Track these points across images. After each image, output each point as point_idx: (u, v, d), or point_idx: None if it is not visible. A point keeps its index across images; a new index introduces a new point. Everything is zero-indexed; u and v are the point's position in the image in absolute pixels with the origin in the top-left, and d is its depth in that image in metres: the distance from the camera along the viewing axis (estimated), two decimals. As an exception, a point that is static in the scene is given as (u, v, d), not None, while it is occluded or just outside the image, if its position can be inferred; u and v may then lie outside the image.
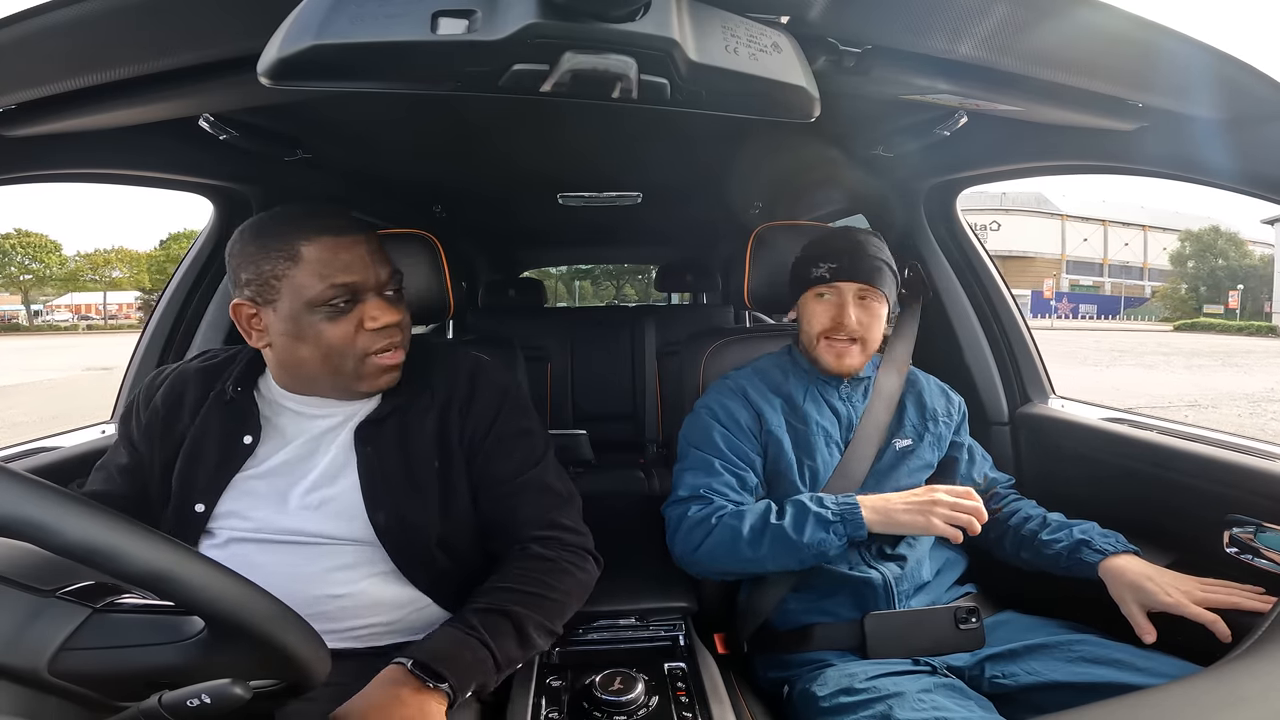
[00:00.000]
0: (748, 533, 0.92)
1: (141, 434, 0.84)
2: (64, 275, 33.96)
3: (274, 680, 0.52)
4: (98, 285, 35.60)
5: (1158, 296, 37.00)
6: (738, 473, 1.01)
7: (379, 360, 0.79)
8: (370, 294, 0.77)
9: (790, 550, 0.90)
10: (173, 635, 0.48)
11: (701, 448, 1.04)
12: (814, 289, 1.04)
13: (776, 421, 1.04)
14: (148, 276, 34.34)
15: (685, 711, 0.76)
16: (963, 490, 0.90)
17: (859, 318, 1.01)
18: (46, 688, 0.46)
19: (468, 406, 0.87)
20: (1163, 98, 0.70)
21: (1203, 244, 33.96)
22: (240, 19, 0.55)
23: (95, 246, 39.72)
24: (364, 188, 1.62)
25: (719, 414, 1.05)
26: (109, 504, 0.82)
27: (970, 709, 0.79)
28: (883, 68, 0.64)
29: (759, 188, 1.77)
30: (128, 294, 36.73)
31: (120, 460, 0.85)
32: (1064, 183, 48.62)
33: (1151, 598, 0.84)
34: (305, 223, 0.76)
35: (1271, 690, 0.51)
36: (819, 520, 0.90)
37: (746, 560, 0.93)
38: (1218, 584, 0.85)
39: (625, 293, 21.73)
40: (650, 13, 0.46)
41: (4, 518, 0.42)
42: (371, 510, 0.80)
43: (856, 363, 1.04)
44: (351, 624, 0.80)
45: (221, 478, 0.80)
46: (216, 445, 0.81)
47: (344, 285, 0.75)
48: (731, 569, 0.96)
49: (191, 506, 0.79)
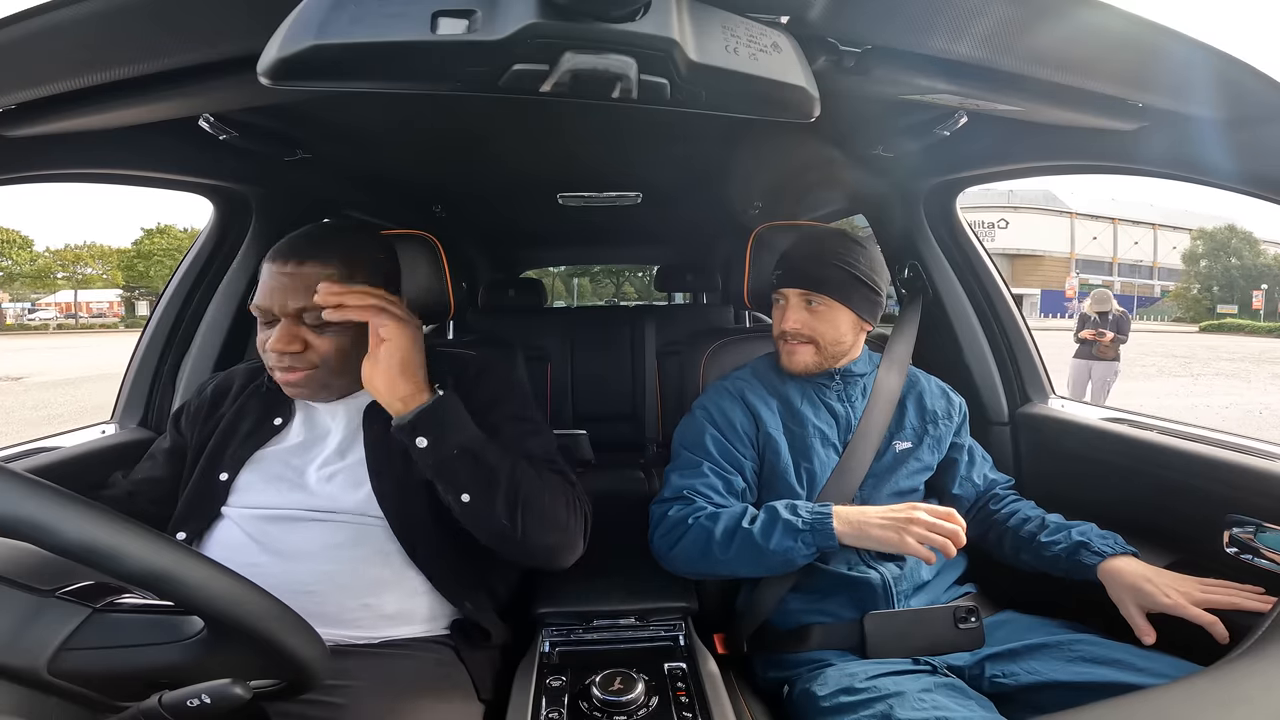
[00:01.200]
0: (719, 536, 0.93)
1: (189, 421, 0.96)
2: (33, 272, 32.81)
3: (274, 680, 0.52)
4: (68, 283, 34.34)
5: (1171, 296, 36.72)
6: (724, 476, 1.02)
7: (277, 376, 0.86)
8: (284, 319, 0.83)
9: (757, 556, 0.91)
10: (173, 635, 0.49)
11: (692, 450, 1.05)
12: (773, 294, 1.10)
13: (774, 424, 1.05)
14: (120, 273, 33.34)
15: (685, 711, 0.76)
16: (944, 511, 0.88)
17: (803, 320, 1.04)
18: (46, 688, 0.46)
19: (473, 390, 0.92)
20: (1163, 98, 0.70)
21: (1216, 243, 33.67)
22: (240, 19, 0.55)
23: (65, 242, 38.39)
24: (364, 188, 1.62)
25: (714, 416, 1.06)
26: (152, 485, 0.91)
27: (971, 709, 0.79)
28: (883, 68, 0.64)
29: (759, 188, 1.77)
30: (109, 292, 35.58)
31: (165, 445, 0.96)
32: (1072, 180, 48.28)
33: (1150, 599, 0.84)
34: (276, 245, 0.86)
35: (1271, 690, 0.51)
36: (787, 528, 0.90)
37: (717, 562, 0.94)
38: (1217, 584, 0.85)
39: (624, 290, 21.73)
40: (650, 13, 0.46)
41: (4, 518, 0.42)
42: (376, 481, 0.86)
43: (808, 361, 1.06)
44: (349, 604, 0.82)
45: (246, 451, 0.89)
46: (249, 424, 0.91)
47: (258, 306, 0.84)
48: (704, 570, 0.97)
49: (216, 475, 0.87)
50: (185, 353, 1.36)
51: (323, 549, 0.82)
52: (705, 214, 2.21)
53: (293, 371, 0.84)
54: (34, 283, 33.09)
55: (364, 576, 0.83)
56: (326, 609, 0.80)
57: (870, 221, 1.60)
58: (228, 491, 0.86)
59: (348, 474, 0.87)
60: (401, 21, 0.43)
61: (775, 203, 1.91)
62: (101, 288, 35.39)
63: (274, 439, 0.90)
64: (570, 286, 17.92)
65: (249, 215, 1.36)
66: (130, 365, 1.36)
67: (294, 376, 0.85)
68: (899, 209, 1.43)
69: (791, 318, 1.04)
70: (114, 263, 34.07)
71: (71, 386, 10.56)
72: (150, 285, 32.10)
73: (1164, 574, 0.87)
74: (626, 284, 22.14)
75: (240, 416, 0.92)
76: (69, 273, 33.87)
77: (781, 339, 1.07)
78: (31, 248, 32.87)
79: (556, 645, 0.91)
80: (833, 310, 1.04)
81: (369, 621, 0.83)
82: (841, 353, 1.07)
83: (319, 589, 0.81)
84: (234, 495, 0.86)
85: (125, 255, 33.06)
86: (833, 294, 1.03)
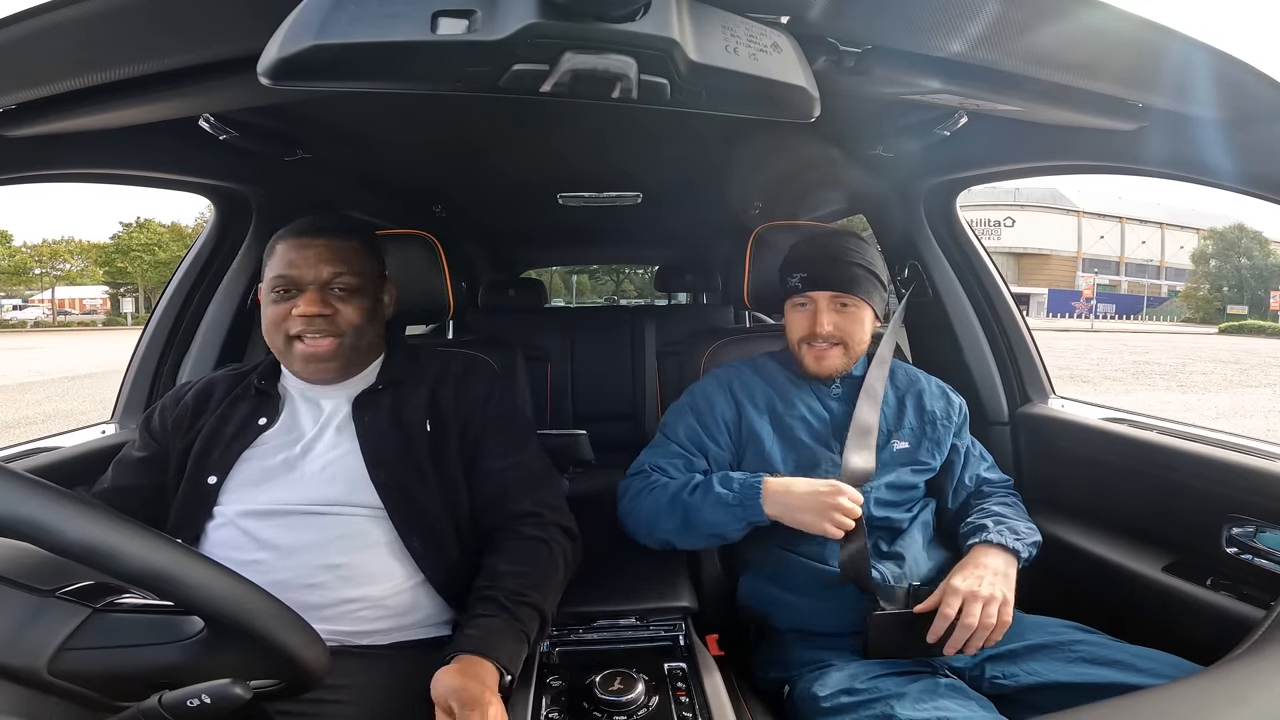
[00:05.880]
0: (664, 505, 0.97)
1: (169, 428, 0.92)
2: (10, 268, 31.47)
3: (274, 680, 0.52)
4: (46, 280, 33.40)
5: (1181, 296, 36.48)
6: (687, 456, 1.05)
7: (301, 348, 0.88)
8: (309, 288, 0.87)
9: (693, 528, 0.95)
10: (173, 635, 0.49)
11: (665, 431, 1.09)
12: (792, 299, 1.08)
13: (758, 417, 1.05)
14: (99, 269, 32.56)
15: (685, 711, 0.76)
16: (855, 495, 0.91)
17: (836, 323, 1.03)
18: (46, 688, 0.46)
19: (460, 388, 0.97)
20: (1163, 98, 0.70)
21: (1227, 242, 33.39)
22: (240, 19, 0.55)
23: (43, 238, 37.17)
24: (364, 188, 1.62)
25: (698, 403, 1.09)
26: (127, 495, 0.88)
27: (971, 709, 0.79)
28: (883, 68, 0.64)
29: (759, 188, 1.77)
30: (95, 289, 34.63)
31: (139, 454, 0.92)
32: (1079, 178, 48.27)
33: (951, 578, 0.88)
34: (290, 226, 0.91)
35: (1271, 690, 0.51)
36: (718, 502, 0.93)
37: (666, 532, 0.98)
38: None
39: (624, 288, 21.70)
40: (650, 13, 0.46)
41: (4, 518, 0.42)
42: (373, 469, 0.87)
43: (839, 364, 1.05)
44: (347, 595, 0.82)
45: (233, 453, 0.88)
46: (234, 427, 0.90)
47: (283, 277, 0.87)
48: (658, 538, 1.01)
49: (205, 479, 0.86)
50: (185, 353, 1.36)
51: (322, 542, 0.83)
52: (705, 214, 2.21)
53: (323, 338, 0.88)
54: (11, 278, 32.44)
55: (363, 568, 0.83)
56: (326, 602, 0.81)
57: (870, 221, 1.60)
58: (218, 494, 0.86)
59: (343, 466, 0.87)
60: (401, 21, 0.43)
61: (775, 203, 1.91)
62: (84, 284, 34.69)
63: (260, 438, 0.89)
64: (569, 284, 17.92)
65: (249, 215, 1.36)
66: (130, 365, 1.36)
67: (324, 345, 0.88)
68: (899, 209, 1.43)
69: (825, 320, 1.02)
70: (93, 258, 33.31)
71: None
72: (132, 281, 31.64)
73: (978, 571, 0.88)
74: (626, 281, 22.12)
75: (225, 421, 0.91)
76: (45, 268, 33.10)
77: (807, 343, 1.05)
78: (10, 242, 32.13)
79: (556, 645, 0.91)
80: (861, 310, 1.04)
81: (368, 615, 0.83)
82: (862, 351, 1.07)
83: (319, 581, 0.81)
84: (225, 497, 0.86)
85: (105, 250, 32.26)
86: (861, 294, 1.03)
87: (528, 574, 0.83)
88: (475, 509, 0.93)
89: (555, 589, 0.85)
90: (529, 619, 0.78)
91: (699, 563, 1.10)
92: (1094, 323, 31.83)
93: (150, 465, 0.91)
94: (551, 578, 0.85)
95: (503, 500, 0.92)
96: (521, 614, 0.78)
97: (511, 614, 0.77)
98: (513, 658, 0.74)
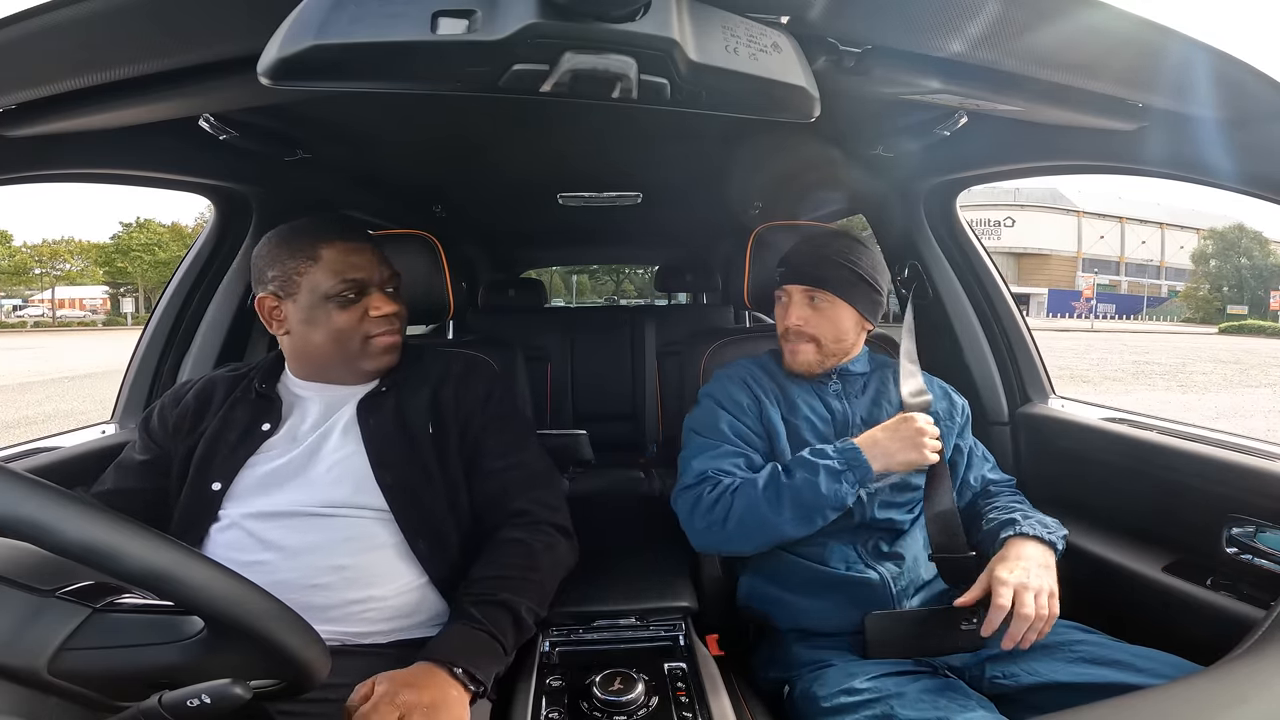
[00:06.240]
0: (767, 501, 0.92)
1: (170, 430, 0.92)
2: (10, 268, 31.89)
3: (274, 680, 0.52)
4: (46, 280, 33.54)
5: (1181, 296, 36.40)
6: (745, 454, 1.01)
7: (379, 341, 0.92)
8: (374, 289, 0.91)
9: (812, 510, 0.91)
10: (173, 635, 0.48)
11: (706, 434, 1.04)
12: (776, 293, 1.10)
13: (774, 413, 1.05)
14: (99, 269, 32.59)
15: (685, 711, 0.76)
16: (928, 418, 0.94)
17: (805, 318, 1.04)
18: (46, 688, 0.46)
19: (460, 388, 0.98)
20: (1163, 98, 0.70)
21: (1227, 242, 33.30)
22: (240, 19, 0.55)
23: (43, 238, 37.42)
24: (364, 188, 1.62)
25: (723, 400, 1.06)
26: (129, 498, 0.87)
27: (971, 709, 0.79)
28: (883, 68, 0.64)
29: (759, 188, 1.77)
30: (95, 289, 34.69)
31: (140, 457, 0.92)
32: (1079, 178, 48.33)
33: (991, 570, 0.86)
34: (325, 230, 0.90)
35: (1271, 690, 0.51)
36: (829, 472, 0.90)
37: (774, 527, 0.92)
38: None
39: (624, 288, 21.68)
40: (650, 13, 0.46)
41: (4, 518, 0.42)
42: (378, 471, 0.87)
43: (810, 359, 1.05)
44: (352, 597, 0.83)
45: (238, 459, 0.87)
46: (237, 432, 0.90)
47: (353, 281, 0.89)
48: (762, 540, 0.95)
49: (209, 485, 0.86)
50: (185, 353, 1.36)
51: (328, 543, 0.83)
52: (705, 214, 2.21)
53: (396, 333, 0.94)
54: (11, 278, 32.57)
55: (369, 570, 0.84)
56: (331, 603, 0.81)
57: (870, 221, 1.60)
58: (223, 499, 0.86)
59: (348, 467, 0.87)
60: (401, 21, 0.43)
61: (775, 203, 1.91)
62: (84, 284, 34.76)
63: (265, 444, 0.89)
64: (569, 284, 17.92)
65: (249, 215, 1.36)
66: (130, 365, 1.36)
67: (398, 338, 0.94)
68: (899, 209, 1.43)
69: (794, 314, 1.04)
70: (93, 258, 33.38)
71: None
72: (132, 281, 31.67)
73: (1021, 563, 0.86)
74: (626, 281, 22.11)
75: (227, 425, 0.90)
76: (45, 268, 33.22)
77: (784, 337, 1.08)
78: (11, 242, 32.23)
79: (557, 645, 0.91)
80: (835, 307, 1.04)
81: (373, 616, 0.84)
82: (843, 351, 1.07)
83: (324, 582, 0.81)
84: (230, 501, 0.86)
85: (104, 250, 32.33)
86: (835, 290, 1.03)
87: (501, 574, 0.83)
88: (476, 509, 0.93)
89: (535, 585, 0.85)
90: (498, 618, 0.78)
91: (699, 563, 1.10)
92: (1094, 323, 31.79)
93: (152, 468, 0.91)
94: (530, 575, 0.85)
95: (502, 500, 0.92)
96: (490, 614, 0.78)
97: (474, 618, 0.78)
98: (475, 660, 0.73)
